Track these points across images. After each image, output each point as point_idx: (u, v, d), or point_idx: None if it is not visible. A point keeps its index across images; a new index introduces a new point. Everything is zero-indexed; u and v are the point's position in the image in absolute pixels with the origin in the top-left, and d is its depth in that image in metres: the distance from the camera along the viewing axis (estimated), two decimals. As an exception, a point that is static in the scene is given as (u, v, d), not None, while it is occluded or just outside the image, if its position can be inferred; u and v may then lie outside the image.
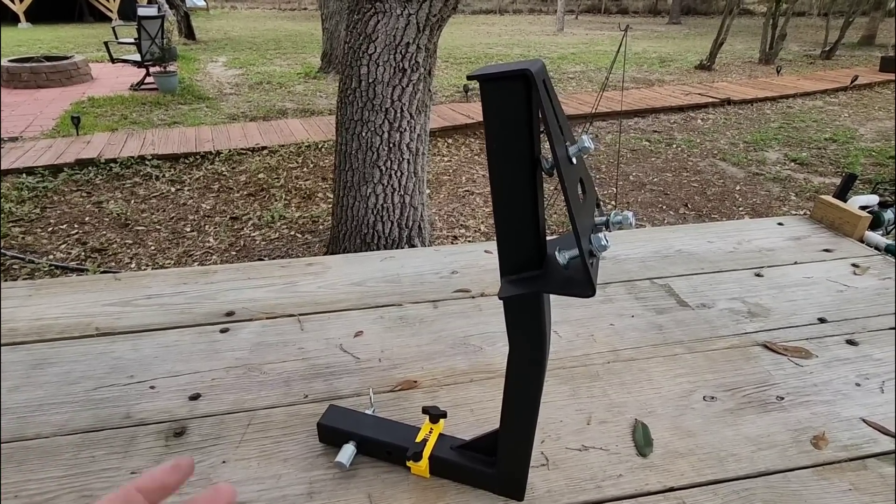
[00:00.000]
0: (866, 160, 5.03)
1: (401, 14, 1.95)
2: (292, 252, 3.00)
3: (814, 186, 4.38)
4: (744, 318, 1.01)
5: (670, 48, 12.78)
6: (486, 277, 1.15)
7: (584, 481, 0.68)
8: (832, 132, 5.90)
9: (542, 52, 11.99)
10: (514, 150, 0.44)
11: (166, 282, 1.14)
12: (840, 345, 0.94)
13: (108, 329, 0.99)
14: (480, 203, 3.89)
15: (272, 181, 4.16)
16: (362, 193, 2.37)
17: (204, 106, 6.88)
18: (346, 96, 2.26)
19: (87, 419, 0.78)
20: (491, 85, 0.41)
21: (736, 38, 12.90)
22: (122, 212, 3.59)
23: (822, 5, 16.28)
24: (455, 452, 0.67)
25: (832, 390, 0.84)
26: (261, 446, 0.74)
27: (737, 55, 11.70)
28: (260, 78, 8.66)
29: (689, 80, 8.94)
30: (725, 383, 0.85)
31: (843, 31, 11.55)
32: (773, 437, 0.75)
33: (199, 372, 0.88)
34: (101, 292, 1.11)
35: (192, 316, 1.02)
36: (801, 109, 7.04)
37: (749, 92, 7.76)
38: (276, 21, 18.36)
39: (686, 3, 21.98)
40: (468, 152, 5.14)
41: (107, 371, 0.88)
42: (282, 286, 1.12)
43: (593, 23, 19.43)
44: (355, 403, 0.81)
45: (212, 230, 3.35)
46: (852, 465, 0.71)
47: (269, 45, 12.61)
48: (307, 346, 0.94)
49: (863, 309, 1.04)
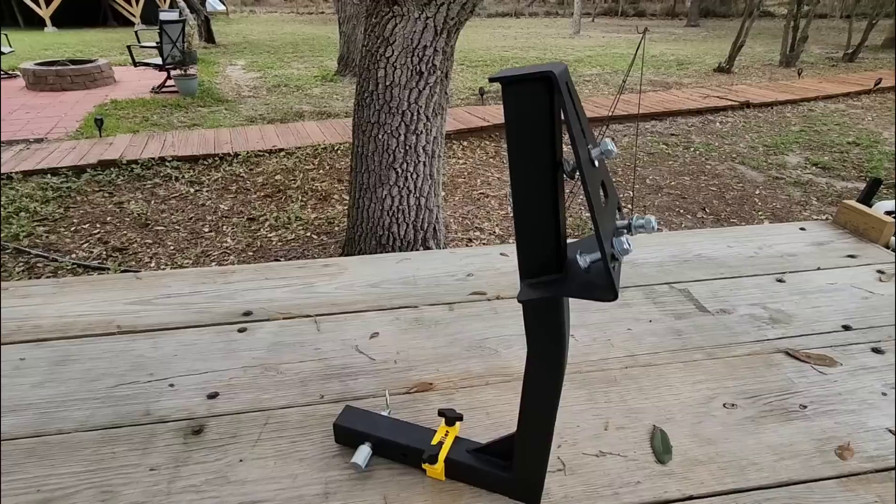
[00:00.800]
0: (890, 164, 4.92)
1: (418, 17, 1.96)
2: (308, 253, 3.03)
3: (836, 191, 4.29)
4: (765, 325, 0.99)
5: (688, 51, 12.64)
6: (502, 280, 1.15)
7: (602, 487, 0.68)
8: (855, 136, 5.78)
9: (559, 55, 11.95)
10: (536, 153, 0.43)
11: (185, 281, 1.16)
12: (865, 353, 0.92)
13: (129, 327, 1.01)
14: (495, 206, 3.88)
15: (289, 183, 4.20)
16: (378, 195, 2.38)
17: (223, 108, 6.99)
18: (363, 99, 2.27)
19: (108, 416, 0.80)
20: (513, 87, 0.41)
21: (755, 41, 12.72)
22: (143, 212, 3.66)
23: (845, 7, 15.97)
24: (471, 456, 0.67)
25: (857, 399, 0.82)
26: (277, 446, 0.74)
27: (756, 58, 11.53)
28: (278, 81, 8.77)
29: (708, 83, 8.83)
30: (746, 390, 0.83)
31: (866, 34, 11.32)
32: (795, 447, 0.73)
33: (217, 371, 0.89)
34: (122, 291, 1.13)
35: (211, 315, 1.04)
36: (823, 113, 6.91)
37: (769, 95, 7.63)
38: (293, 25, 18.59)
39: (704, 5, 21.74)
40: (483, 155, 5.14)
41: (128, 368, 0.90)
42: (299, 287, 1.13)
43: (610, 26, 19.31)
44: (371, 405, 0.81)
45: (229, 231, 3.39)
46: (879, 477, 0.69)
47: (287, 48, 12.76)
48: (323, 346, 0.94)
49: (888, 317, 1.02)
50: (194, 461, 0.72)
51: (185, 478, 0.69)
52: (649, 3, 25.67)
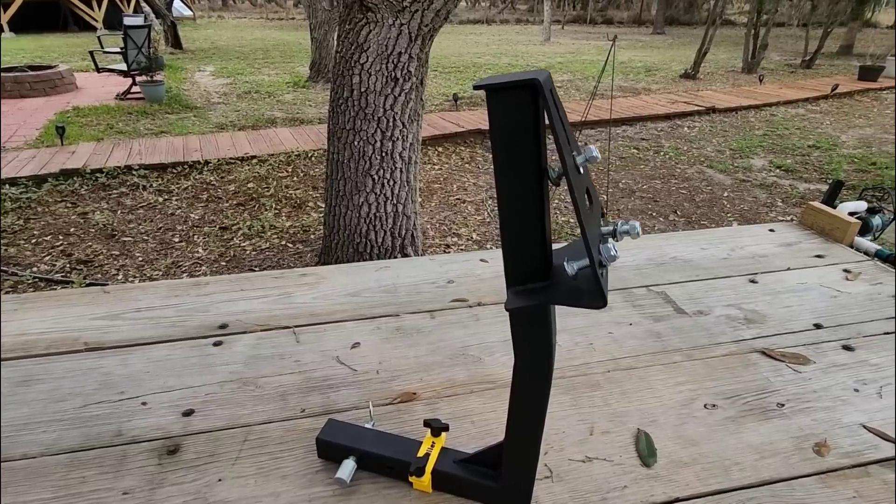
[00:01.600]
0: (849, 167, 5.13)
1: (393, 24, 1.96)
2: (284, 262, 2.97)
3: (799, 192, 4.45)
4: (741, 325, 1.01)
5: (655, 58, 12.98)
6: (483, 286, 1.14)
7: (590, 493, 0.67)
8: (815, 139, 6.02)
9: (530, 61, 12.11)
10: (521, 160, 0.43)
11: (156, 294, 1.12)
12: (836, 350, 0.94)
13: (97, 344, 0.96)
14: (472, 211, 3.89)
15: (262, 190, 4.13)
16: (355, 202, 2.36)
17: (192, 115, 6.84)
18: (338, 105, 2.25)
19: (77, 438, 0.76)
20: (498, 95, 0.41)
21: (718, 48, 13.15)
22: (109, 222, 3.54)
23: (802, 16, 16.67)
24: (458, 466, 0.66)
25: (831, 396, 0.84)
26: (258, 463, 0.72)
27: (720, 64, 11.91)
28: (248, 87, 8.63)
29: (675, 89, 9.07)
30: (725, 391, 0.85)
31: (822, 41, 11.82)
32: (775, 445, 0.75)
33: (193, 387, 0.86)
34: (88, 306, 1.09)
35: (184, 329, 1.00)
36: (784, 117, 7.17)
37: (733, 100, 7.89)
38: (263, 31, 18.36)
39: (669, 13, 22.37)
40: (458, 160, 5.15)
41: (96, 387, 0.86)
42: (276, 297, 1.10)
43: (579, 33, 19.68)
44: (354, 417, 0.79)
45: (201, 240, 3.31)
46: (855, 472, 0.71)
47: (257, 54, 12.59)
48: (303, 358, 0.92)
49: (857, 314, 1.05)
50: (170, 482, 0.69)
51: (160, 500, 0.66)
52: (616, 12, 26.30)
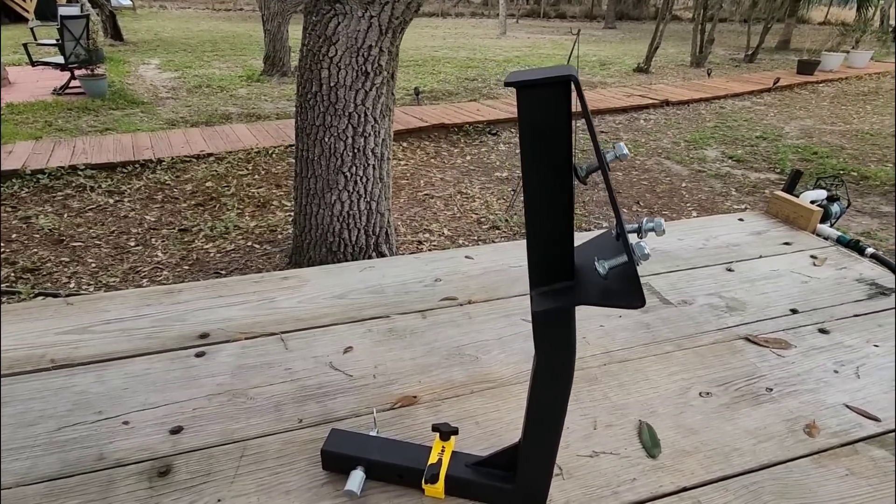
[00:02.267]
0: (794, 156, 5.42)
1: (362, 16, 1.90)
2: (251, 264, 2.86)
3: (751, 182, 4.67)
4: (724, 313, 1.05)
5: (608, 52, 13.27)
6: (471, 284, 1.13)
7: (601, 488, 0.68)
8: (762, 130, 6.31)
9: (489, 54, 12.14)
10: (551, 158, 0.42)
11: (126, 304, 1.05)
12: (814, 334, 0.99)
13: (66, 360, 0.90)
14: (441, 206, 3.87)
15: (222, 189, 3.96)
16: (327, 201, 2.29)
17: (139, 111, 6.48)
18: (307, 101, 2.17)
19: (54, 464, 0.70)
20: (530, 91, 0.40)
21: (667, 43, 13.58)
22: (55, 227, 3.31)
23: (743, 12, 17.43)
24: (471, 470, 0.65)
25: (814, 378, 0.88)
26: (258, 479, 0.68)
27: (670, 58, 12.31)
28: (198, 81, 8.26)
29: (629, 83, 9.31)
30: (717, 378, 0.87)
31: (762, 37, 12.40)
32: (770, 429, 0.77)
33: (178, 402, 0.81)
34: (51, 319, 1.01)
35: (162, 340, 0.95)
36: (733, 109, 7.49)
37: (685, 94, 8.16)
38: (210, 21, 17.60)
39: (619, 8, 22.90)
40: (424, 155, 5.11)
41: (70, 408, 0.80)
42: (258, 303, 1.06)
43: (534, 27, 19.90)
44: (354, 424, 0.77)
45: (159, 244, 3.14)
46: (845, 451, 0.74)
47: (206, 46, 12.06)
48: (294, 366, 0.89)
49: (828, 298, 1.10)
50: (164, 507, 0.65)
51: (155, 527, 0.62)
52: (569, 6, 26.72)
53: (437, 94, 7.68)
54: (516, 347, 0.94)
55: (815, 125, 6.77)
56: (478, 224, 3.64)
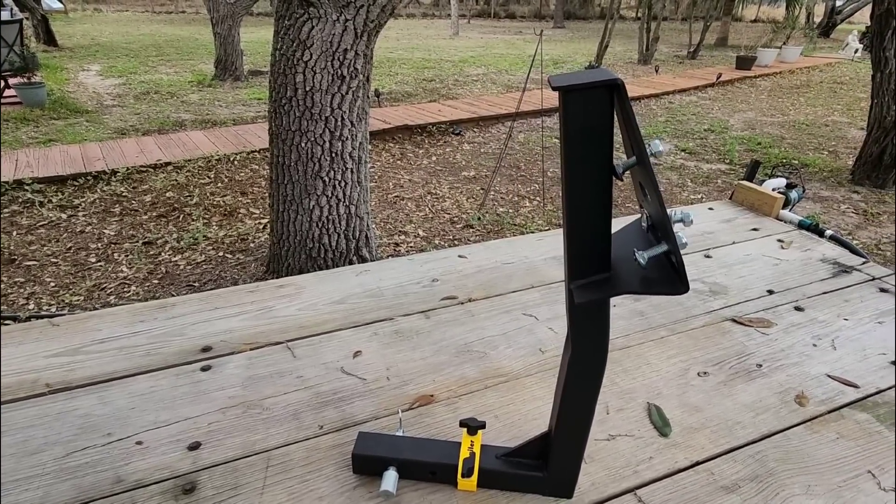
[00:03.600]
0: (740, 147, 5.73)
1: (337, 20, 1.88)
2: (226, 274, 2.78)
3: (704, 173, 4.91)
4: (709, 298, 1.11)
5: (559, 51, 13.60)
6: (468, 282, 1.15)
7: (622, 468, 0.71)
8: (709, 124, 6.64)
9: (444, 55, 12.21)
10: (594, 157, 0.45)
11: (118, 321, 1.02)
12: (790, 312, 1.06)
13: (62, 383, 0.86)
14: (413, 207, 3.88)
15: (184, 200, 3.82)
16: (305, 206, 2.26)
17: (83, 120, 6.16)
18: (281, 106, 2.13)
19: (68, 491, 0.68)
20: (575, 95, 0.42)
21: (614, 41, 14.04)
22: (5, 246, 3.12)
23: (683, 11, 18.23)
24: (502, 461, 0.67)
25: (797, 353, 0.95)
26: (288, 489, 0.68)
27: (618, 56, 12.74)
28: (145, 87, 7.93)
29: (582, 80, 9.58)
30: (711, 358, 0.93)
31: (702, 35, 13.02)
32: (765, 402, 0.83)
33: (191, 418, 0.79)
34: (37, 342, 0.96)
35: (163, 356, 0.92)
36: (681, 104, 7.84)
37: (636, 90, 8.48)
38: (151, 25, 16.88)
39: (566, 8, 23.50)
40: (389, 157, 5.10)
41: (75, 432, 0.77)
42: (256, 312, 1.04)
43: (485, 27, 20.14)
44: (376, 427, 0.78)
45: (123, 258, 3.01)
46: (833, 417, 0.80)
47: (149, 50, 11.58)
48: (306, 373, 0.88)
49: (798, 278, 1.19)
50: (196, 524, 0.64)
51: (190, 544, 0.61)
52: (518, 6, 27.19)
53: (397, 96, 7.67)
54: (521, 341, 0.96)
55: (756, 117, 7.17)
56: (451, 224, 3.67)
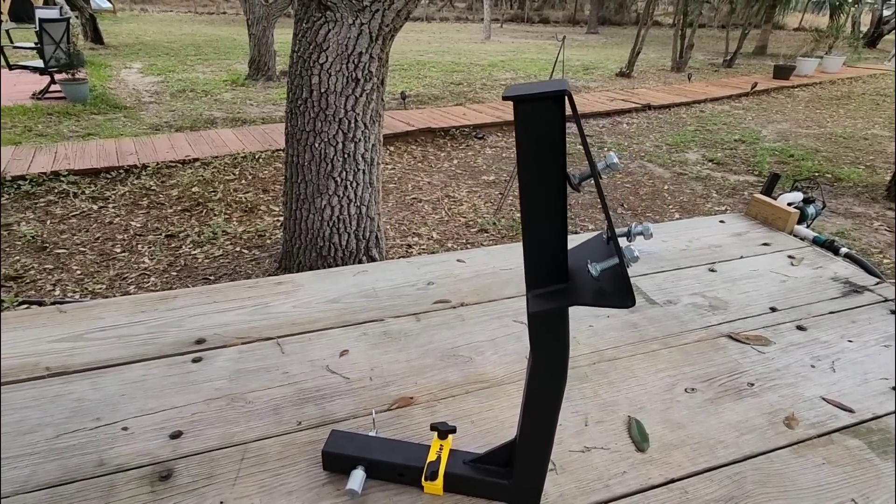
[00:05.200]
0: (771, 159, 5.56)
1: (353, 23, 1.92)
2: (240, 269, 2.85)
3: (731, 184, 4.78)
4: (707, 312, 1.09)
5: (591, 56, 13.46)
6: (464, 287, 1.16)
7: (593, 482, 0.70)
8: (740, 134, 6.47)
9: (473, 59, 12.23)
10: (547, 167, 0.45)
11: (120, 311, 1.06)
12: (792, 331, 1.03)
13: (61, 368, 0.90)
14: (429, 210, 3.90)
15: (209, 195, 3.94)
16: (317, 206, 2.30)
17: (122, 116, 6.40)
18: (297, 107, 2.18)
19: (54, 471, 0.71)
20: (527, 105, 0.42)
21: (649, 47, 13.82)
22: (38, 234, 3.26)
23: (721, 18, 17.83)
24: (469, 467, 0.67)
25: (793, 373, 0.92)
26: (260, 481, 0.70)
27: (651, 63, 12.53)
28: (182, 85, 8.19)
29: (612, 87, 9.46)
30: (701, 374, 0.91)
31: (740, 42, 12.69)
32: (751, 422, 0.81)
33: (177, 407, 0.82)
34: (43, 327, 1.01)
35: (158, 346, 0.95)
36: (712, 113, 7.66)
37: (666, 98, 8.33)
38: (192, 25, 17.44)
39: (602, 13, 23.24)
40: (411, 159, 5.14)
41: (67, 415, 0.80)
42: (253, 308, 1.07)
43: (517, 31, 20.09)
44: (352, 426, 0.79)
45: (146, 250, 3.12)
46: (822, 441, 0.78)
47: (189, 50, 11.96)
48: (292, 369, 0.90)
49: (805, 296, 1.15)
50: (168, 510, 0.66)
51: (160, 529, 0.63)
52: (552, 11, 27.03)
53: (424, 98, 7.72)
54: (509, 348, 0.96)
55: (790, 128, 6.95)
56: (466, 227, 3.68)
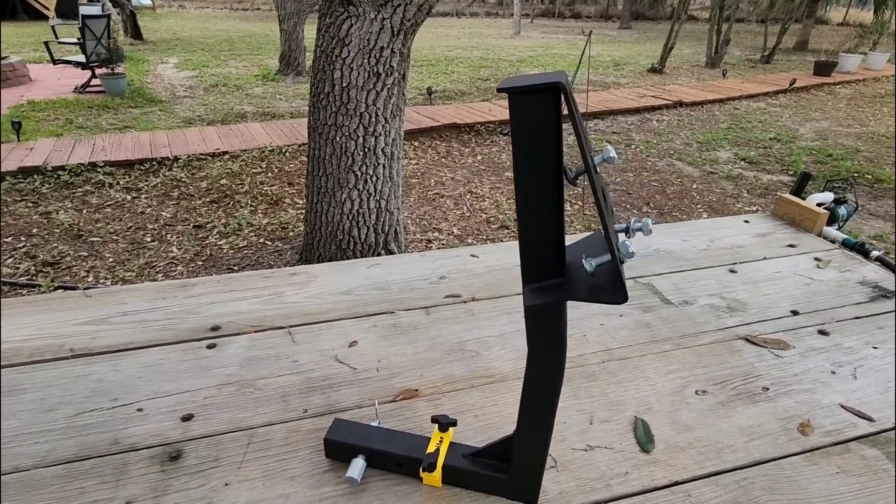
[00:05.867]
0: (808, 158, 5.35)
1: (374, 18, 1.94)
2: (263, 260, 2.92)
3: (763, 184, 4.63)
4: (724, 314, 1.06)
5: (623, 52, 13.20)
6: (475, 282, 1.15)
7: (594, 481, 0.70)
8: (776, 132, 6.25)
9: (502, 55, 12.14)
10: (542, 160, 0.44)
11: (142, 297, 1.09)
12: (813, 335, 1.00)
13: (84, 350, 0.94)
14: (451, 206, 3.90)
15: (236, 187, 4.03)
16: (337, 199, 2.33)
17: (157, 109, 6.61)
18: (319, 101, 2.22)
19: (71, 448, 0.74)
20: (521, 97, 0.42)
21: (683, 43, 13.46)
22: (74, 222, 3.40)
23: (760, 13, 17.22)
24: (467, 460, 0.67)
25: (811, 379, 0.89)
26: (264, 466, 0.71)
27: (685, 59, 12.20)
28: (215, 80, 8.39)
29: (643, 83, 9.26)
30: (714, 377, 0.89)
31: (779, 38, 12.23)
32: (763, 427, 0.79)
33: (190, 391, 0.84)
34: (70, 311, 1.05)
35: (175, 332, 0.98)
36: (747, 111, 7.42)
37: (699, 94, 8.10)
38: (228, 21, 17.83)
39: (635, 8, 22.75)
40: (435, 155, 5.15)
41: (87, 395, 0.84)
42: (267, 297, 1.09)
43: (548, 27, 19.84)
44: (357, 416, 0.80)
45: (174, 239, 3.22)
46: (837, 450, 0.75)
47: (223, 46, 12.23)
48: (301, 358, 0.92)
49: (829, 300, 1.11)
50: (175, 489, 0.68)
51: (166, 507, 0.65)
52: (584, 6, 26.58)
53: (450, 94, 7.71)
54: (517, 344, 0.96)
55: (830, 127, 6.67)
56: (487, 223, 3.67)
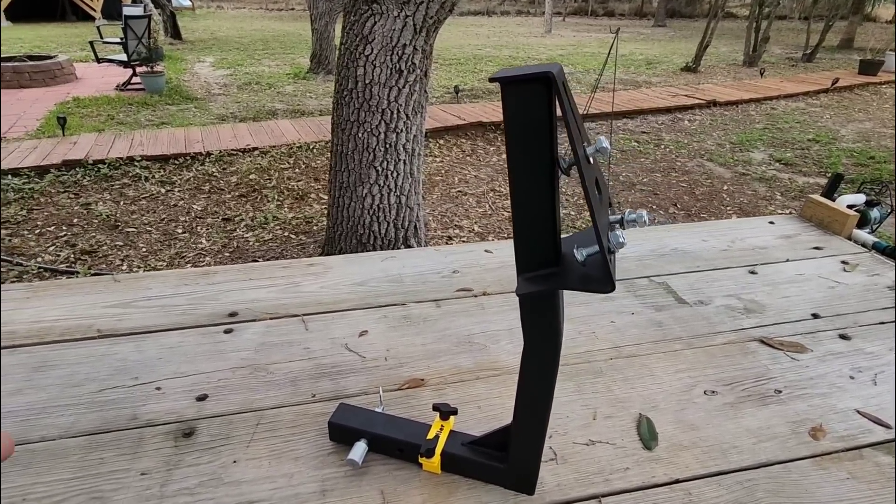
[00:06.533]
0: (848, 160, 5.14)
1: (398, 16, 1.96)
2: (287, 253, 2.99)
3: (798, 186, 4.47)
4: (740, 315, 1.04)
5: (656, 50, 12.93)
6: (488, 277, 1.16)
7: (593, 475, 0.70)
8: (815, 133, 6.02)
9: (531, 53, 12.06)
10: (534, 151, 0.45)
11: (166, 283, 1.14)
12: (833, 339, 0.97)
13: (110, 331, 0.98)
14: (473, 203, 3.91)
15: (264, 182, 4.14)
16: (358, 194, 2.38)
17: (192, 106, 6.82)
18: (343, 97, 2.26)
19: (94, 421, 0.78)
20: (513, 87, 0.43)
21: (720, 41, 13.10)
22: (112, 213, 3.55)
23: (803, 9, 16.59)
24: (466, 448, 0.68)
25: (827, 383, 0.86)
26: (271, 446, 0.74)
27: (721, 58, 11.87)
28: (248, 78, 8.61)
29: (676, 82, 9.05)
30: (725, 377, 0.87)
31: (823, 35, 11.78)
32: (773, 429, 0.77)
33: (205, 373, 0.88)
34: (100, 294, 1.10)
35: (195, 317, 1.02)
36: (785, 111, 7.17)
37: (734, 94, 7.88)
38: (263, 21, 18.24)
39: (671, 5, 22.24)
40: (460, 153, 5.16)
41: (111, 373, 0.88)
42: (284, 286, 1.12)
43: (580, 25, 19.59)
44: (363, 402, 0.81)
45: (204, 231, 3.33)
46: (849, 455, 0.73)
47: (257, 45, 12.53)
48: (312, 345, 0.94)
49: (854, 304, 1.07)
50: (186, 464, 0.71)
51: (177, 481, 0.68)
52: (618, 3, 26.13)
53: (477, 93, 7.71)
54: (525, 339, 0.96)
55: (873, 128, 6.39)
56: (508, 222, 3.66)
